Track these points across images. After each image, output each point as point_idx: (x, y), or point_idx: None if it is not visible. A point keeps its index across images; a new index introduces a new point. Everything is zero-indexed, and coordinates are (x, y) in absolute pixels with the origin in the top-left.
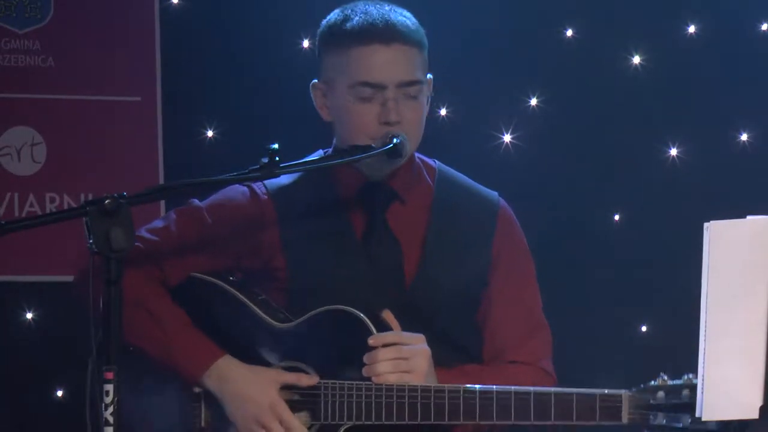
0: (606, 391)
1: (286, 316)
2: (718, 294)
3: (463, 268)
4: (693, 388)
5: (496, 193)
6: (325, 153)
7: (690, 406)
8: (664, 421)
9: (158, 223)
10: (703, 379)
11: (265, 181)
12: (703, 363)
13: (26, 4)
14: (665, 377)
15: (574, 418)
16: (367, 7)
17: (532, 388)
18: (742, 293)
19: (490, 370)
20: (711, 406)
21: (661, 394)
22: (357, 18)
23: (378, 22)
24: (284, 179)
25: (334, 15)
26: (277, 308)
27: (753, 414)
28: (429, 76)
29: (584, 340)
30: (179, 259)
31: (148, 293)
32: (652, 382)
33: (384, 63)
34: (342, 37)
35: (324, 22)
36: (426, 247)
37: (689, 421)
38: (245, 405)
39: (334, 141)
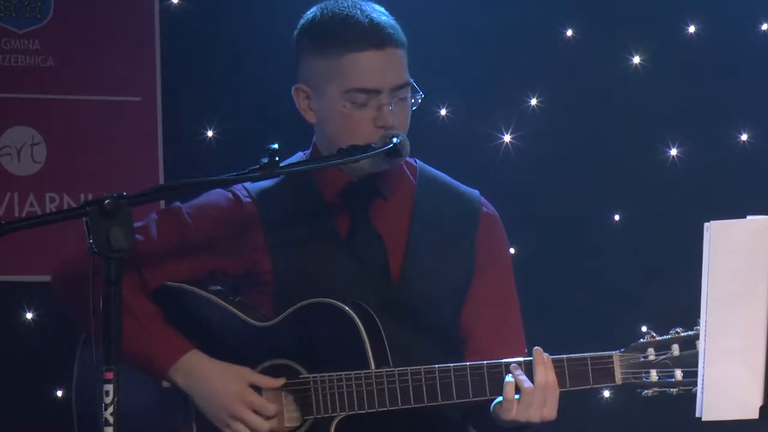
0: (596, 354)
1: (264, 315)
2: (718, 294)
3: (447, 262)
4: (682, 340)
5: (477, 191)
6: (305, 155)
7: (681, 359)
8: (658, 377)
9: (138, 224)
10: (703, 379)
11: (247, 185)
12: (703, 363)
13: (26, 4)
14: (653, 334)
15: (568, 384)
16: (347, 8)
17: (523, 359)
18: (742, 293)
19: None
20: (711, 406)
21: (651, 350)
22: (343, 21)
23: (366, 24)
24: (266, 182)
25: (315, 16)
26: (253, 308)
27: (753, 414)
28: None
29: (583, 340)
30: (158, 260)
31: (123, 286)
32: (641, 340)
33: (378, 68)
34: (330, 42)
35: (304, 23)
36: (410, 243)
37: (682, 374)
38: (214, 399)
39: (314, 140)
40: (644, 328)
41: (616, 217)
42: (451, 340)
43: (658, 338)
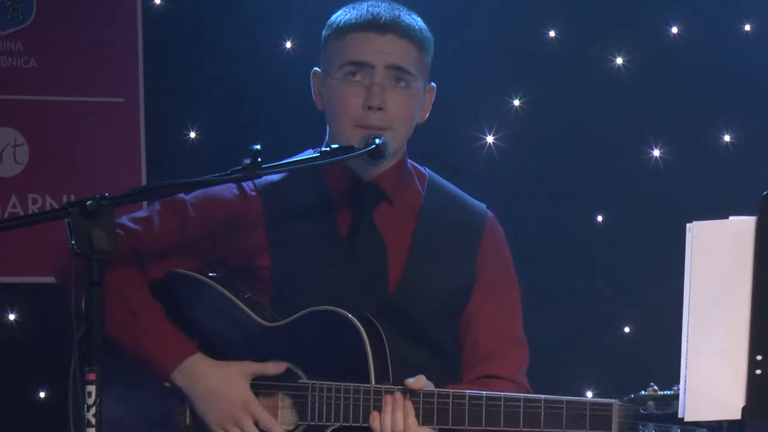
0: (596, 400)
1: (273, 315)
2: (701, 295)
3: (447, 275)
4: None
5: (484, 205)
6: (315, 152)
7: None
8: (654, 430)
9: (141, 213)
10: (685, 380)
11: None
12: (686, 364)
13: (8, 5)
14: (655, 387)
15: (564, 425)
16: (379, 3)
17: (522, 395)
18: (725, 294)
19: (472, 389)
20: (693, 407)
21: (651, 403)
22: (363, 11)
23: (382, 15)
24: (275, 175)
25: (345, 8)
26: (263, 307)
27: (735, 415)
28: (433, 84)
29: (567, 341)
30: (159, 250)
31: (125, 282)
32: (642, 392)
33: (375, 47)
34: (343, 27)
35: (331, 18)
36: (412, 251)
37: (678, 430)
38: (217, 403)
39: (327, 136)
40: (650, 389)
41: (599, 218)
42: (446, 351)
43: (660, 393)
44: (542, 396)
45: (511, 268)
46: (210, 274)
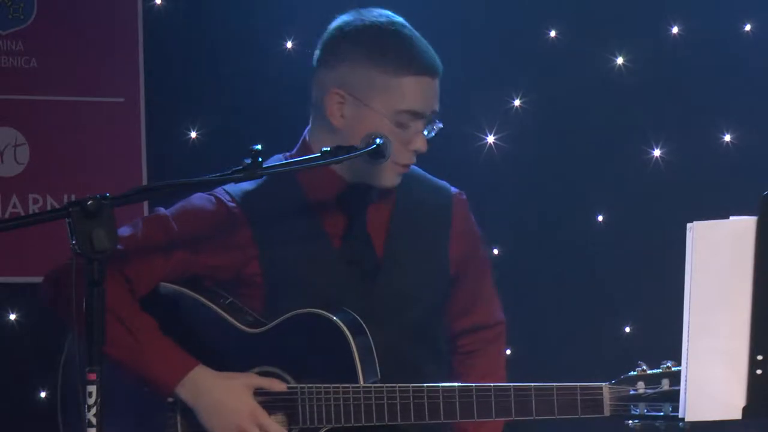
0: (586, 384)
1: (256, 319)
2: (702, 294)
3: (426, 255)
4: (672, 375)
5: (446, 183)
6: (284, 157)
7: (670, 394)
8: (646, 410)
9: (124, 231)
10: (686, 380)
11: (228, 189)
12: (687, 363)
13: (9, 5)
14: (644, 367)
15: (556, 412)
16: (394, 25)
17: (512, 384)
18: (725, 294)
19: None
20: (694, 407)
21: (641, 383)
22: (401, 41)
23: (423, 49)
24: (247, 185)
25: (363, 25)
26: (245, 311)
27: (736, 414)
28: None
29: (568, 341)
30: (146, 267)
31: (117, 300)
32: (632, 373)
33: (429, 95)
34: (390, 58)
35: (348, 29)
36: (388, 239)
37: (670, 408)
38: (223, 414)
39: (305, 141)
40: (639, 369)
41: (600, 218)
42: (432, 335)
43: (648, 372)
44: (532, 384)
45: (477, 230)
46: (187, 284)
